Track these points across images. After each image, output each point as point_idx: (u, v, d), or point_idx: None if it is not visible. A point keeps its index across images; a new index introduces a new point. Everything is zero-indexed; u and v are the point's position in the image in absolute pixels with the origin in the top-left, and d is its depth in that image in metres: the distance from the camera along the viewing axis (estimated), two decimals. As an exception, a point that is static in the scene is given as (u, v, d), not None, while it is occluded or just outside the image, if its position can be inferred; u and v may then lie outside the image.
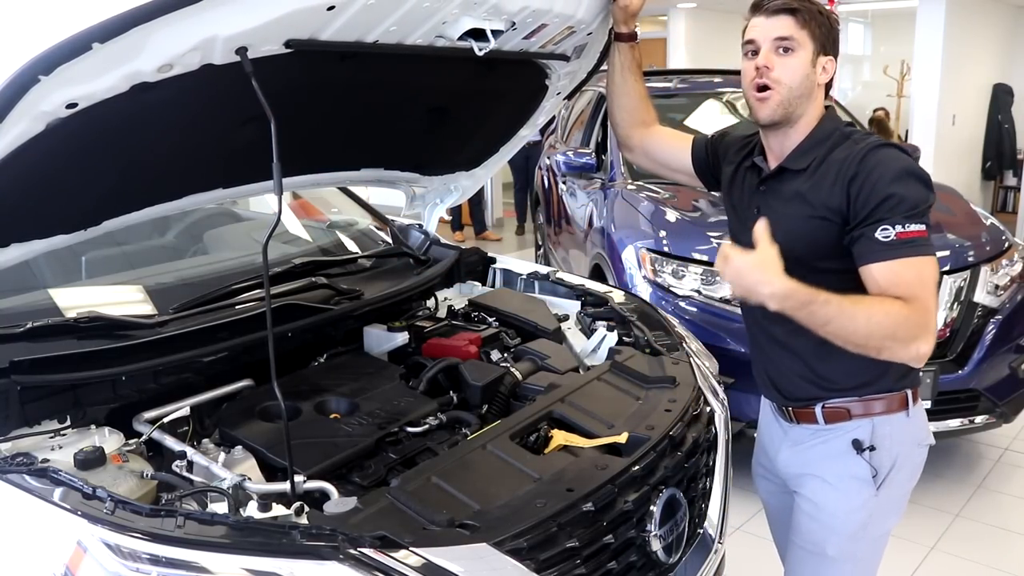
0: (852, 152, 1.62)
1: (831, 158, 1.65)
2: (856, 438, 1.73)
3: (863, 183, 1.57)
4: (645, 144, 2.10)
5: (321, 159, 2.22)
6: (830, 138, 1.68)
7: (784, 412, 1.83)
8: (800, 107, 1.66)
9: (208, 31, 1.38)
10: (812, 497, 1.78)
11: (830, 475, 1.76)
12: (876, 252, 1.54)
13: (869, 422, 1.72)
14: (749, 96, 1.69)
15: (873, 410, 1.72)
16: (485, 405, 1.96)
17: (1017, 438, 4.10)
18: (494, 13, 1.74)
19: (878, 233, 1.54)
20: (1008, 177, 9.50)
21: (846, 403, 1.73)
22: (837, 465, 1.75)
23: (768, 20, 1.65)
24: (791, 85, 1.63)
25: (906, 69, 9.89)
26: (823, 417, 1.75)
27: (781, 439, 1.87)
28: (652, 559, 1.63)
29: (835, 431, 1.75)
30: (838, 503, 1.75)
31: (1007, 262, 3.70)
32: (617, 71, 2.08)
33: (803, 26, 1.62)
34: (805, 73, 1.64)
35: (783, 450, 1.86)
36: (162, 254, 2.64)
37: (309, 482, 1.53)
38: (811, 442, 1.79)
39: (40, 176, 1.50)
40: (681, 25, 11.33)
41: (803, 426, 1.79)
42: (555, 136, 6.52)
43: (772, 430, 1.91)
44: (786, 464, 1.85)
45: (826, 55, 1.66)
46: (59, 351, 1.68)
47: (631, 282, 3.74)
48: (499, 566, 1.35)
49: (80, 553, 1.26)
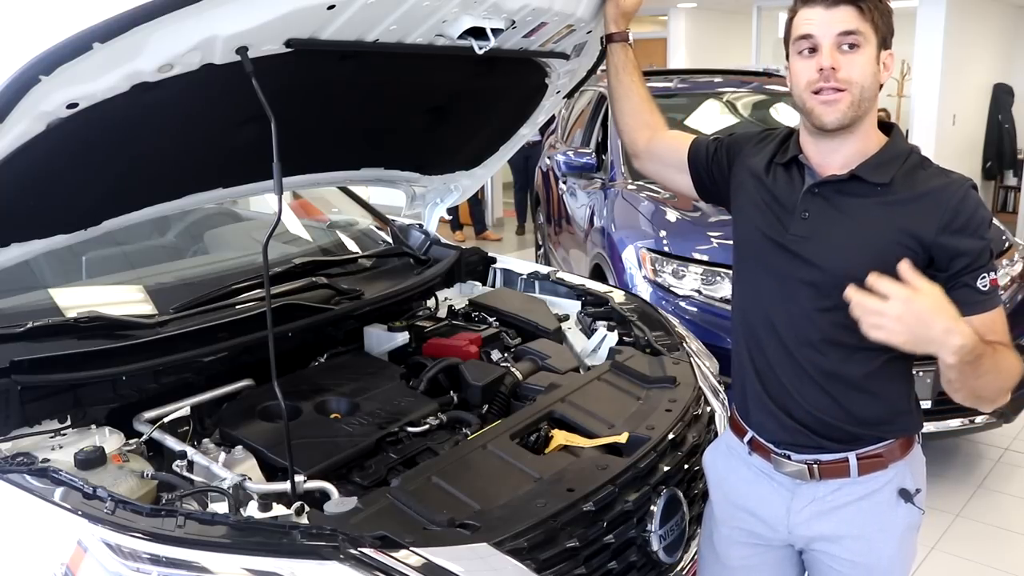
0: (946, 185, 1.45)
1: (916, 182, 1.47)
2: (902, 487, 1.54)
3: (969, 223, 1.43)
4: (651, 147, 1.88)
5: (321, 159, 2.22)
6: (908, 157, 1.50)
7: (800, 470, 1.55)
8: (866, 109, 1.46)
9: (208, 31, 1.38)
10: (860, 560, 1.56)
11: (879, 533, 1.55)
12: (978, 303, 1.42)
13: (905, 464, 1.55)
14: (805, 99, 1.47)
15: (904, 452, 1.55)
16: (485, 405, 1.96)
17: (1017, 438, 4.10)
18: (494, 12, 1.74)
19: (979, 282, 1.42)
20: (1008, 177, 9.49)
21: (880, 450, 1.53)
22: (888, 520, 1.55)
23: (828, 12, 1.43)
24: (863, 85, 1.43)
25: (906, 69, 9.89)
26: (857, 468, 1.53)
27: (787, 499, 1.58)
28: (652, 559, 1.63)
29: (872, 482, 1.54)
30: (893, 558, 1.57)
31: (1007, 262, 3.70)
32: (613, 74, 1.93)
33: (867, 17, 1.42)
34: (873, 71, 1.45)
35: (796, 512, 1.58)
36: (162, 254, 2.64)
37: (309, 482, 1.53)
38: (843, 499, 1.55)
39: (40, 176, 1.50)
40: (681, 25, 11.32)
41: (827, 481, 1.55)
42: (555, 136, 6.52)
43: (761, 491, 1.62)
44: (807, 527, 1.58)
45: (887, 49, 1.47)
46: (59, 351, 1.68)
47: (631, 282, 3.74)
48: (499, 566, 1.35)
49: (80, 553, 1.26)
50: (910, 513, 1.55)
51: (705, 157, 1.76)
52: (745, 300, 1.64)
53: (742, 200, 1.64)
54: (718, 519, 1.72)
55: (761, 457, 1.61)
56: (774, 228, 1.55)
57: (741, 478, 1.65)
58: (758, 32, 10.62)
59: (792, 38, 1.49)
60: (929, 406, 3.37)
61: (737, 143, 1.72)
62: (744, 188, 1.64)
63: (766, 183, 1.59)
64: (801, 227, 1.51)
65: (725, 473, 1.69)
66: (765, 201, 1.58)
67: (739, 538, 1.68)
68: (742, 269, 1.66)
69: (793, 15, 1.48)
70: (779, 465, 1.58)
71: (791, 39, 1.49)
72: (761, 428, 1.60)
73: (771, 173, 1.59)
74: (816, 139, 1.52)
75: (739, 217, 1.66)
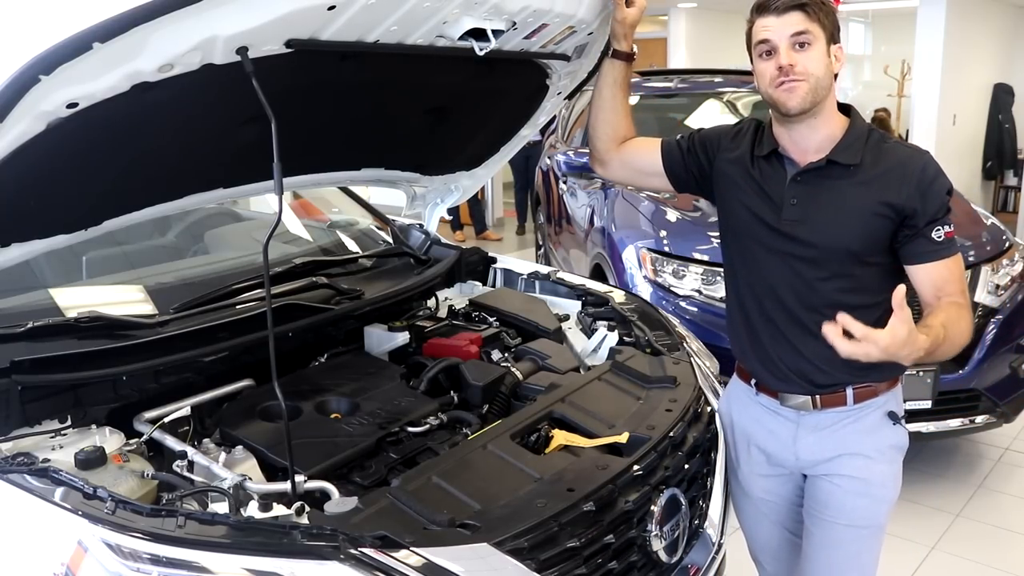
0: (909, 155, 1.72)
1: (885, 157, 1.71)
2: (890, 410, 1.81)
3: (929, 186, 1.67)
4: (622, 155, 2.04)
5: (321, 159, 2.22)
6: (868, 135, 1.74)
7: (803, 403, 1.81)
8: (823, 96, 1.69)
9: (209, 31, 1.38)
10: (857, 475, 1.80)
11: (872, 450, 1.81)
12: (931, 252, 1.68)
13: (893, 393, 1.82)
14: (771, 92, 1.70)
15: (888, 385, 1.82)
16: (486, 405, 1.96)
17: (1018, 438, 4.10)
18: (495, 13, 1.74)
19: (934, 234, 1.67)
20: (1008, 177, 9.50)
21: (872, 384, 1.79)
22: (876, 439, 1.81)
23: (780, 18, 1.67)
24: (818, 75, 1.67)
25: (906, 69, 9.89)
26: (853, 397, 1.79)
27: (792, 430, 1.84)
28: (653, 559, 1.63)
29: (865, 408, 1.80)
30: (884, 474, 1.82)
31: (1008, 262, 3.70)
32: (608, 86, 2.01)
33: (813, 19, 1.66)
34: (825, 63, 1.68)
35: (802, 438, 1.84)
36: (162, 254, 2.64)
37: (310, 482, 1.53)
38: (840, 423, 1.81)
39: (41, 176, 1.50)
40: (681, 25, 11.32)
41: (827, 410, 1.81)
42: (555, 136, 6.52)
43: (770, 426, 1.88)
44: (811, 451, 1.84)
45: (835, 43, 1.71)
46: (60, 351, 1.67)
47: (632, 282, 3.74)
48: (500, 566, 1.35)
49: (81, 553, 1.26)
50: (896, 432, 1.83)
51: (680, 155, 1.95)
52: (748, 273, 1.85)
53: (729, 187, 1.86)
54: (736, 459, 1.98)
55: (768, 396, 1.87)
56: (767, 214, 1.78)
57: (751, 417, 1.92)
58: (758, 32, 10.59)
59: (752, 43, 1.73)
60: (929, 406, 3.38)
61: (711, 138, 1.92)
62: (729, 177, 1.85)
63: (752, 174, 1.81)
64: (792, 212, 1.75)
65: (737, 416, 1.96)
66: (754, 190, 1.80)
67: (757, 470, 1.95)
68: (739, 247, 1.86)
69: (751, 24, 1.73)
70: (784, 400, 1.84)
71: (752, 44, 1.73)
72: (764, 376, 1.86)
73: (755, 165, 1.81)
74: (788, 128, 1.75)
75: (729, 203, 1.86)
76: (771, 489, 1.95)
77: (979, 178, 9.35)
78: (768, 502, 1.98)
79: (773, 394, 1.85)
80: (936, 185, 1.68)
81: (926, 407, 3.38)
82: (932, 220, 1.67)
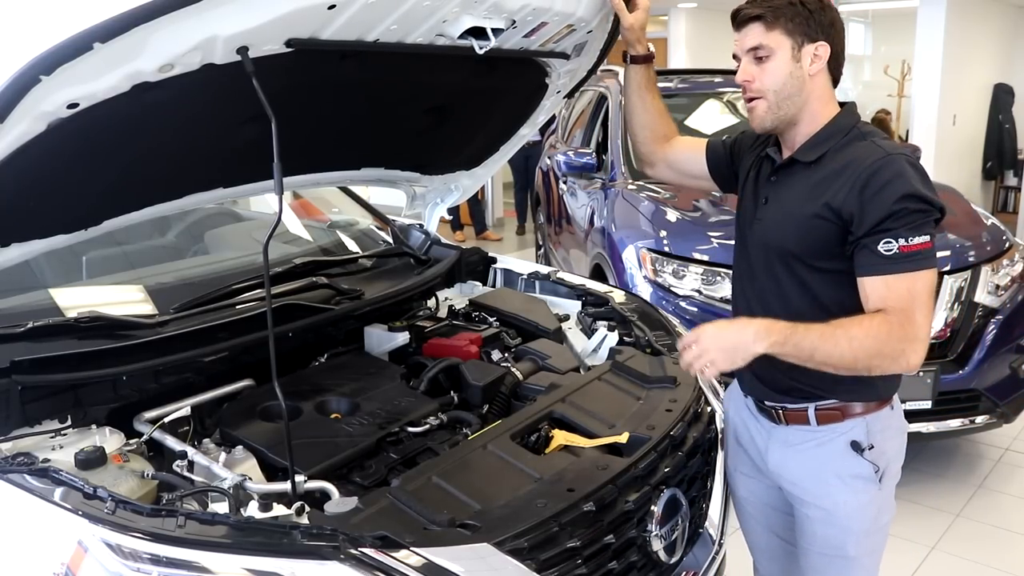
0: (867, 155, 1.57)
1: (844, 156, 1.61)
2: (854, 440, 1.70)
3: (876, 192, 1.53)
4: (668, 157, 2.04)
5: (322, 158, 2.22)
6: (846, 134, 1.64)
7: (772, 413, 1.77)
8: (792, 106, 1.63)
9: (209, 31, 1.38)
10: (822, 504, 1.73)
11: (835, 478, 1.72)
12: (874, 265, 1.54)
13: (862, 421, 1.71)
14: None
15: (862, 410, 1.70)
16: (486, 405, 1.96)
17: (1018, 438, 4.10)
18: (494, 11, 1.74)
19: (880, 246, 1.52)
20: (1009, 177, 9.49)
21: (838, 405, 1.70)
22: (840, 467, 1.72)
23: (740, 33, 1.65)
24: (774, 89, 1.62)
25: (907, 69, 9.89)
26: (815, 419, 1.72)
27: (766, 438, 1.81)
28: (653, 559, 1.63)
29: (829, 432, 1.71)
30: (848, 504, 1.72)
31: (1008, 262, 3.70)
32: (635, 91, 2.03)
33: (771, 27, 1.60)
34: (787, 72, 1.61)
35: (772, 450, 1.79)
36: (162, 254, 2.64)
37: (310, 482, 1.53)
38: (805, 444, 1.74)
39: (41, 176, 1.50)
40: (681, 25, 11.33)
41: (793, 427, 1.75)
42: (555, 136, 6.52)
43: (752, 428, 1.85)
44: (779, 466, 1.79)
45: (812, 42, 1.61)
46: (60, 351, 1.67)
47: (632, 282, 3.74)
48: (500, 566, 1.34)
49: (81, 553, 1.26)
50: (859, 464, 1.71)
51: (724, 154, 1.95)
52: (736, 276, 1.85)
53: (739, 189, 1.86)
54: (728, 455, 1.96)
55: (752, 399, 1.83)
56: (748, 214, 1.77)
57: (741, 417, 1.89)
58: (758, 32, 10.59)
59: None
60: (929, 406, 3.38)
61: (741, 142, 1.92)
62: (741, 185, 1.85)
63: (751, 174, 1.81)
64: (761, 211, 1.73)
65: (732, 413, 1.93)
66: (748, 190, 1.80)
67: (741, 469, 1.93)
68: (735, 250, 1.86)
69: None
70: (758, 408, 1.81)
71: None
72: (741, 379, 1.86)
73: (755, 164, 1.80)
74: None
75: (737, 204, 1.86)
76: (754, 491, 1.92)
77: (979, 178, 9.35)
78: (752, 503, 1.94)
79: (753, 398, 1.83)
80: (887, 190, 1.52)
81: (926, 407, 3.38)
82: (879, 230, 1.52)
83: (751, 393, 1.82)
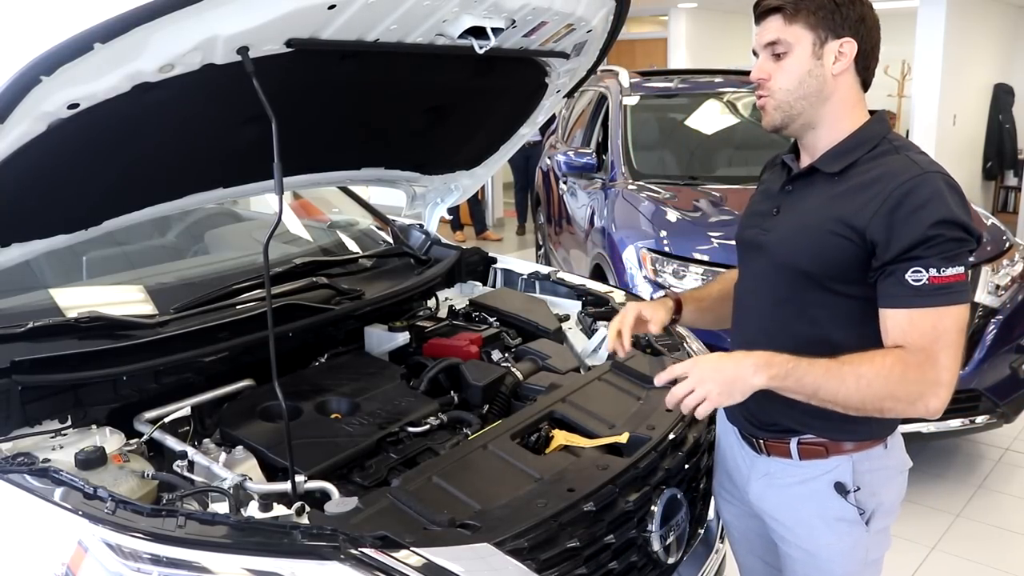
0: (901, 172, 1.41)
1: (873, 169, 1.45)
2: (838, 481, 1.55)
3: (909, 214, 1.36)
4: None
5: (322, 159, 2.22)
6: (876, 145, 1.48)
7: (753, 443, 1.64)
8: (808, 105, 1.49)
9: (209, 31, 1.38)
10: (803, 545, 1.60)
11: (817, 520, 1.58)
12: (898, 297, 1.38)
13: (848, 460, 1.55)
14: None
15: (850, 448, 1.55)
16: (486, 405, 1.96)
17: (1018, 438, 4.09)
18: (494, 11, 1.75)
19: (909, 275, 1.36)
20: (1009, 177, 9.49)
21: (823, 440, 1.55)
22: (822, 509, 1.57)
23: (759, 26, 1.51)
24: (787, 88, 1.48)
25: (907, 69, 9.89)
26: (798, 453, 1.57)
27: (748, 467, 1.67)
28: (653, 559, 1.63)
29: (812, 469, 1.57)
30: (832, 547, 1.58)
31: (1008, 262, 3.69)
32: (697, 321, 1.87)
33: (792, 20, 1.46)
34: (805, 70, 1.46)
35: (753, 481, 1.66)
36: (163, 254, 2.64)
37: (310, 482, 1.53)
38: (786, 480, 1.60)
39: (41, 176, 1.50)
40: (681, 25, 11.32)
41: (775, 459, 1.60)
42: (556, 136, 6.52)
43: (735, 455, 1.72)
44: (759, 498, 1.65)
45: (837, 38, 1.45)
46: (60, 351, 1.67)
47: (632, 282, 3.74)
48: (500, 566, 1.34)
49: (81, 553, 1.26)
50: (843, 507, 1.56)
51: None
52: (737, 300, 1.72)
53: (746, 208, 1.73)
54: (716, 476, 1.84)
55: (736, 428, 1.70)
56: (757, 224, 1.62)
57: (728, 442, 1.76)
58: (758, 32, 10.60)
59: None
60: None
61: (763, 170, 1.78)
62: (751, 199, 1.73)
63: (763, 187, 1.69)
64: (770, 222, 1.58)
65: (720, 435, 1.81)
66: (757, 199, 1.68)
67: (725, 496, 1.81)
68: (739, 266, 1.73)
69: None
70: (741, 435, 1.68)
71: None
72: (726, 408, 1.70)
73: (771, 175, 1.69)
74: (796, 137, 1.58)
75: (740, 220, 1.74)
76: (738, 515, 1.79)
77: (979, 178, 9.35)
78: (738, 528, 1.81)
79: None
80: (922, 213, 1.35)
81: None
82: (908, 257, 1.36)
83: (734, 422, 1.70)
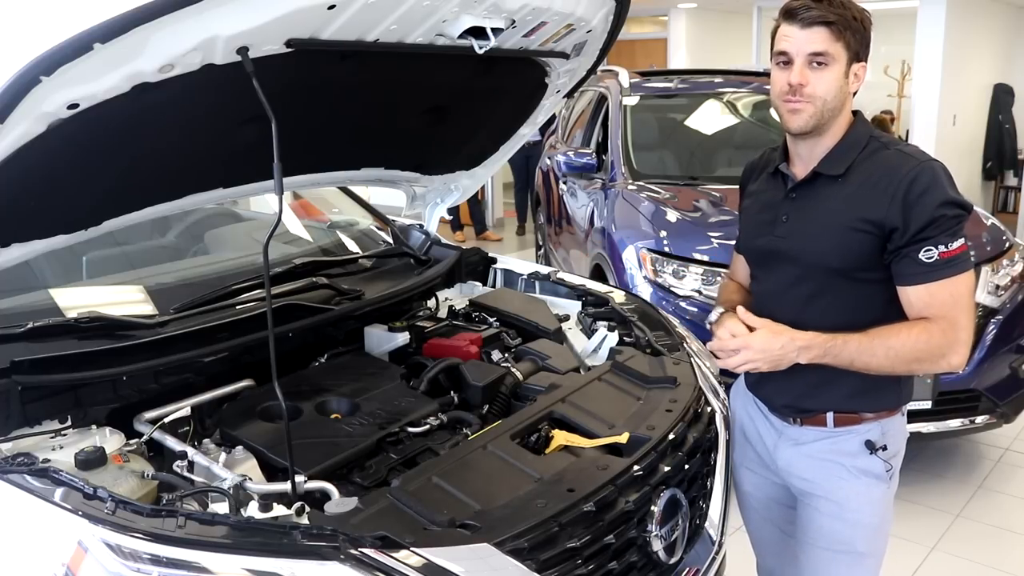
0: (900, 165, 1.60)
1: (873, 167, 1.63)
2: (869, 439, 1.75)
3: (915, 200, 1.55)
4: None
5: (321, 159, 2.22)
6: (866, 144, 1.66)
7: (786, 417, 1.81)
8: (832, 117, 1.63)
9: (209, 31, 1.38)
10: (833, 497, 1.77)
11: (847, 472, 1.76)
12: (916, 275, 1.58)
13: (878, 424, 1.75)
14: (779, 105, 1.66)
15: (880, 414, 1.75)
16: (486, 405, 1.96)
17: (1018, 438, 4.10)
18: (494, 11, 1.75)
19: (922, 254, 1.56)
20: (1008, 177, 9.49)
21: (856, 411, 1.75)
22: (852, 463, 1.76)
23: (803, 32, 1.58)
24: (826, 98, 1.60)
25: (906, 69, 9.89)
26: (834, 422, 1.76)
27: (775, 436, 1.85)
28: (653, 559, 1.63)
29: (844, 433, 1.76)
30: (860, 499, 1.76)
31: (1008, 262, 3.70)
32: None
33: (838, 38, 1.57)
34: (839, 86, 1.60)
35: (782, 448, 1.83)
36: (163, 254, 2.64)
37: (310, 482, 1.53)
38: (818, 444, 1.78)
39: (41, 176, 1.50)
40: (681, 25, 11.33)
41: (807, 428, 1.79)
42: (555, 136, 6.52)
43: (760, 426, 1.89)
44: (789, 463, 1.83)
45: (858, 61, 1.63)
46: (60, 351, 1.67)
47: (632, 282, 3.74)
48: (500, 566, 1.34)
49: (81, 553, 1.26)
50: (872, 462, 1.75)
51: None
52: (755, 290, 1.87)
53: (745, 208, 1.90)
54: (738, 448, 1.98)
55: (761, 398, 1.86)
56: (765, 232, 1.77)
57: (748, 414, 1.93)
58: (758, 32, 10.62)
59: (773, 50, 1.66)
60: (929, 406, 3.38)
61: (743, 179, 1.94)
62: (745, 209, 1.89)
63: (760, 197, 1.82)
64: (782, 229, 1.73)
65: (738, 408, 1.97)
66: (757, 208, 1.82)
67: (747, 464, 1.96)
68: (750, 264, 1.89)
69: (776, 28, 1.65)
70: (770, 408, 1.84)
71: (772, 50, 1.66)
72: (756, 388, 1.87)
73: (763, 184, 1.82)
74: (795, 142, 1.71)
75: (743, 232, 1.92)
76: (759, 485, 1.96)
77: (979, 178, 9.35)
78: (757, 498, 1.99)
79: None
80: (926, 198, 1.55)
81: (926, 407, 3.38)
82: (919, 238, 1.56)
83: (771, 403, 1.84)
